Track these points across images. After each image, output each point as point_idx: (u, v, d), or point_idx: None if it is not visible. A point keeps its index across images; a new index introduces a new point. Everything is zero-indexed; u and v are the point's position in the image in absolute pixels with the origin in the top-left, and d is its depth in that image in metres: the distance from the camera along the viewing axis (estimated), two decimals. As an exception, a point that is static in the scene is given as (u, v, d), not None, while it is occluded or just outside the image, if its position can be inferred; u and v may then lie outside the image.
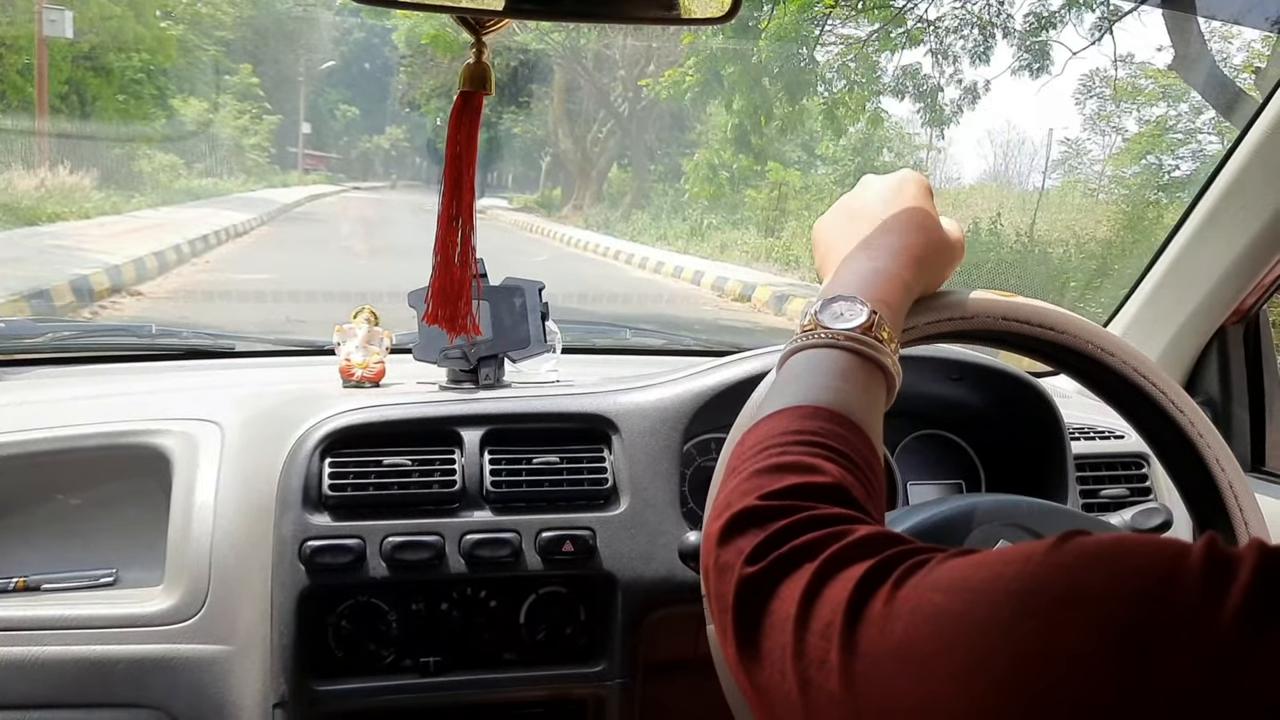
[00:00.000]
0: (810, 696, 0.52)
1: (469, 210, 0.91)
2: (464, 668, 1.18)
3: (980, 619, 0.46)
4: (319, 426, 1.22)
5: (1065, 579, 0.45)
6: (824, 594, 0.53)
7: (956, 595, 0.48)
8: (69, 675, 1.12)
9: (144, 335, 1.69)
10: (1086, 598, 0.43)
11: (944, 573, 0.50)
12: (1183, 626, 0.40)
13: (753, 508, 0.61)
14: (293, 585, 1.13)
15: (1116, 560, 0.44)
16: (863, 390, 0.73)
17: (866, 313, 0.76)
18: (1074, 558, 0.45)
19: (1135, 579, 0.43)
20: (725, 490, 0.66)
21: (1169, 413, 0.96)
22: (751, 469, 0.65)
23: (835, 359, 0.74)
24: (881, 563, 0.53)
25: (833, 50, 11.56)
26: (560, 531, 1.19)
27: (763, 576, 0.58)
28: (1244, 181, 1.40)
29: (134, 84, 13.05)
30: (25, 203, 9.57)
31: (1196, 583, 0.41)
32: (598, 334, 1.91)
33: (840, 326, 0.75)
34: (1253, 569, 0.41)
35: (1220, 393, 1.54)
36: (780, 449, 0.66)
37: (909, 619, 0.49)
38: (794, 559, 0.57)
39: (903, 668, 0.48)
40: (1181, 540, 0.45)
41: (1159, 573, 0.42)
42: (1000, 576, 0.47)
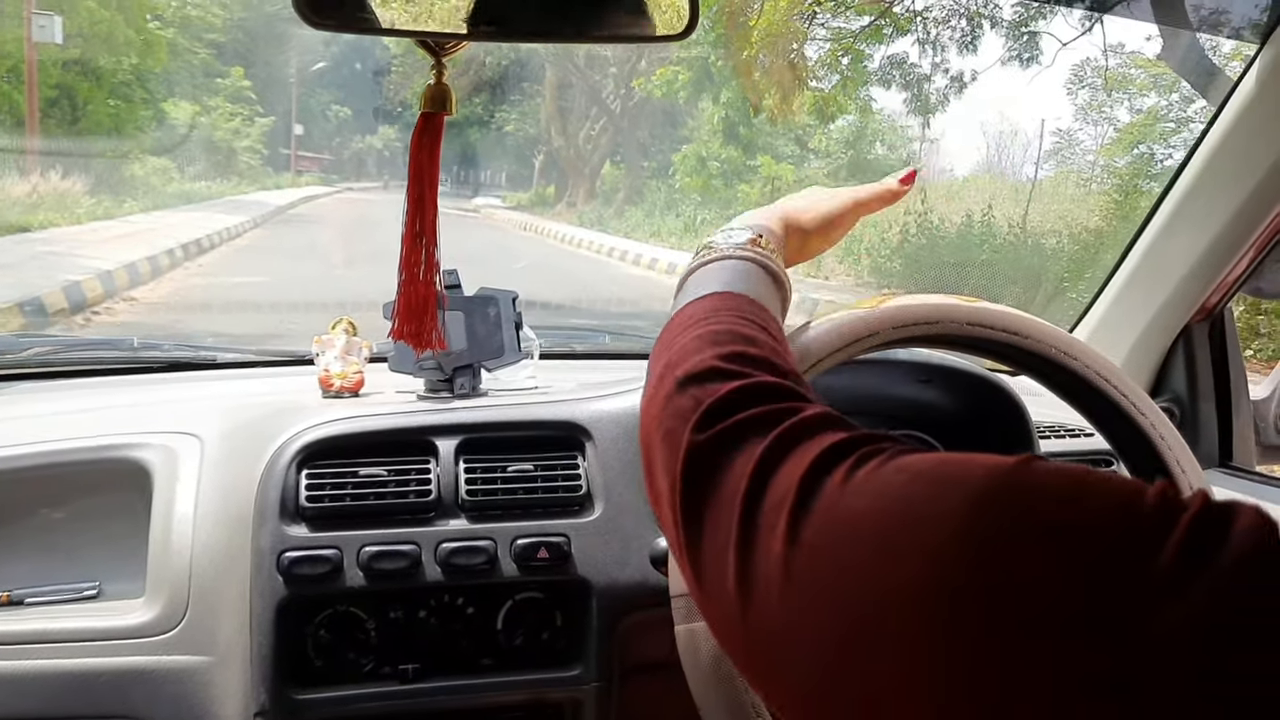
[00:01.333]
0: (755, 569, 0.52)
1: (432, 228, 0.93)
2: (442, 674, 1.19)
3: (937, 510, 0.46)
4: (296, 439, 1.23)
5: (1027, 496, 0.45)
6: (779, 470, 0.53)
7: (917, 483, 0.48)
8: (52, 688, 1.13)
9: (125, 348, 1.71)
10: (1047, 521, 0.44)
11: (908, 461, 0.50)
12: (1133, 558, 0.41)
13: (708, 368, 0.63)
14: (271, 596, 1.14)
15: (1077, 488, 0.45)
16: (766, 289, 0.80)
17: (749, 232, 0.86)
18: (1037, 477, 0.46)
19: (1095, 509, 0.44)
20: (663, 357, 0.68)
21: (1131, 416, 0.98)
22: (692, 334, 0.69)
23: (732, 265, 0.82)
24: (841, 443, 0.53)
25: (824, 46, 11.56)
26: (535, 538, 1.20)
27: (712, 446, 0.58)
28: (1206, 180, 1.42)
29: (124, 88, 13.04)
30: (17, 209, 9.57)
31: (1149, 519, 0.42)
32: (578, 339, 1.92)
33: (729, 242, 0.85)
34: (1197, 508, 0.42)
35: (1187, 390, 1.56)
36: (716, 319, 0.70)
37: (869, 497, 0.49)
38: (743, 431, 0.57)
39: (857, 541, 0.48)
40: (1139, 481, 0.46)
41: (1117, 505, 0.44)
42: (964, 477, 0.47)
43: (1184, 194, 1.44)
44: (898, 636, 0.45)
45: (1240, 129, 1.36)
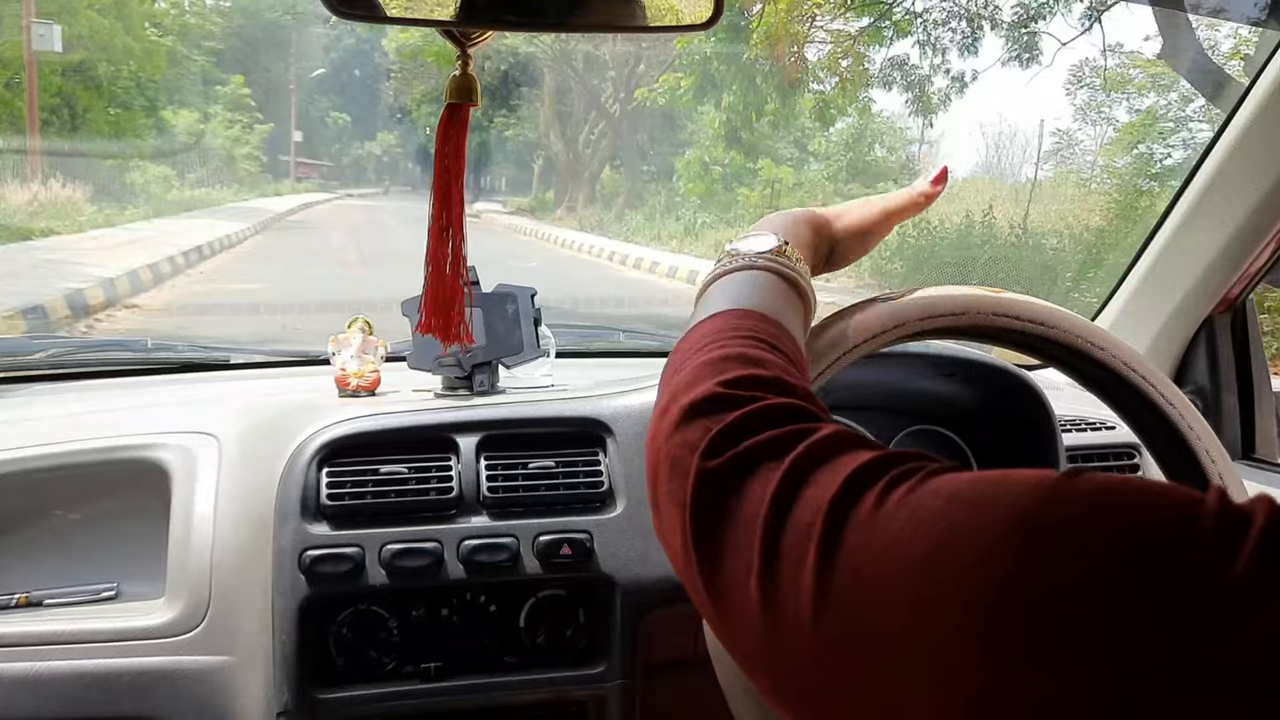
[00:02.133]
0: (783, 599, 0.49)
1: (459, 220, 0.92)
2: (465, 672, 1.19)
3: (976, 530, 0.44)
4: (315, 437, 1.22)
5: (1078, 509, 0.43)
6: (802, 494, 0.51)
7: (956, 504, 0.46)
8: (73, 689, 1.12)
9: (139, 350, 1.70)
10: (1097, 531, 0.41)
11: (942, 482, 0.48)
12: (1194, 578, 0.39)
13: (712, 395, 0.60)
14: (293, 595, 1.14)
15: (1130, 499, 0.42)
16: (785, 302, 0.78)
17: (775, 239, 0.82)
18: (1091, 490, 0.43)
19: (1149, 523, 0.41)
20: (670, 386, 0.66)
21: (1159, 406, 0.97)
22: (697, 362, 0.66)
23: (752, 277, 0.79)
24: (868, 465, 0.51)
25: (824, 49, 11.57)
26: (558, 535, 1.20)
27: (724, 472, 0.56)
28: (1228, 171, 1.41)
29: (124, 96, 13.05)
30: (18, 218, 9.57)
31: (1209, 535, 0.40)
32: (592, 337, 1.92)
33: (751, 250, 0.81)
34: (1263, 523, 0.40)
35: (1209, 382, 1.55)
36: (722, 342, 0.67)
37: (905, 520, 0.46)
38: (756, 457, 0.55)
39: (891, 568, 0.46)
40: (1193, 490, 0.43)
41: (1174, 519, 0.41)
42: (1004, 495, 0.45)
43: (1205, 185, 1.44)
44: (939, 660, 0.43)
45: (1262, 120, 1.35)
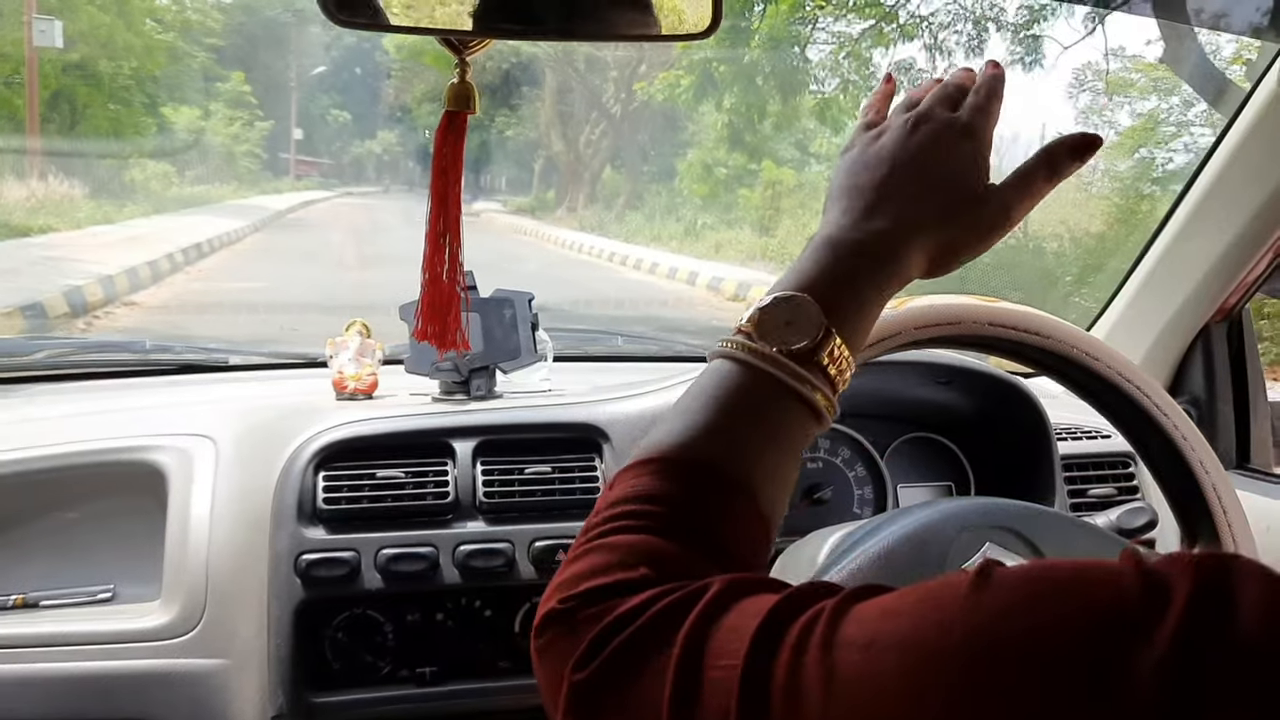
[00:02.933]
0: None
1: (456, 226, 0.92)
2: (460, 677, 1.19)
3: (908, 677, 0.41)
4: (312, 440, 1.23)
5: (990, 622, 0.40)
6: (705, 679, 0.45)
7: (875, 654, 0.42)
8: (68, 691, 1.13)
9: (138, 350, 1.70)
10: (1018, 645, 0.39)
11: (853, 627, 0.43)
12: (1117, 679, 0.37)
13: (555, 610, 0.53)
14: (289, 598, 1.14)
15: (1042, 603, 0.40)
16: (769, 437, 0.60)
17: (814, 330, 0.61)
18: (1001, 598, 0.41)
19: (1066, 627, 0.39)
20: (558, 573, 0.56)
21: (1153, 416, 0.97)
22: (579, 546, 0.56)
23: (748, 386, 0.61)
24: (771, 617, 0.45)
25: (826, 49, 11.58)
26: (553, 541, 1.20)
27: (600, 678, 0.48)
28: (1226, 180, 1.41)
29: (124, 92, 13.03)
30: (17, 214, 9.56)
31: (1130, 622, 0.38)
32: (590, 341, 1.92)
33: (776, 340, 0.62)
34: (1185, 596, 0.38)
35: (1205, 391, 1.55)
36: (607, 525, 0.56)
37: (825, 688, 0.42)
38: (639, 648, 0.48)
39: None
40: (1107, 565, 0.41)
41: (1090, 617, 0.39)
42: (921, 626, 0.42)
43: (1203, 194, 1.44)
44: None
45: (1260, 129, 1.35)
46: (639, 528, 0.55)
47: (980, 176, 0.70)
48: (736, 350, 0.62)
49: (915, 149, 0.69)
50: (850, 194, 0.69)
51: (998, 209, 0.70)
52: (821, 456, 1.38)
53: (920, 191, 0.68)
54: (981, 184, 0.70)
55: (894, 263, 0.66)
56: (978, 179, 0.70)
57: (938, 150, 0.69)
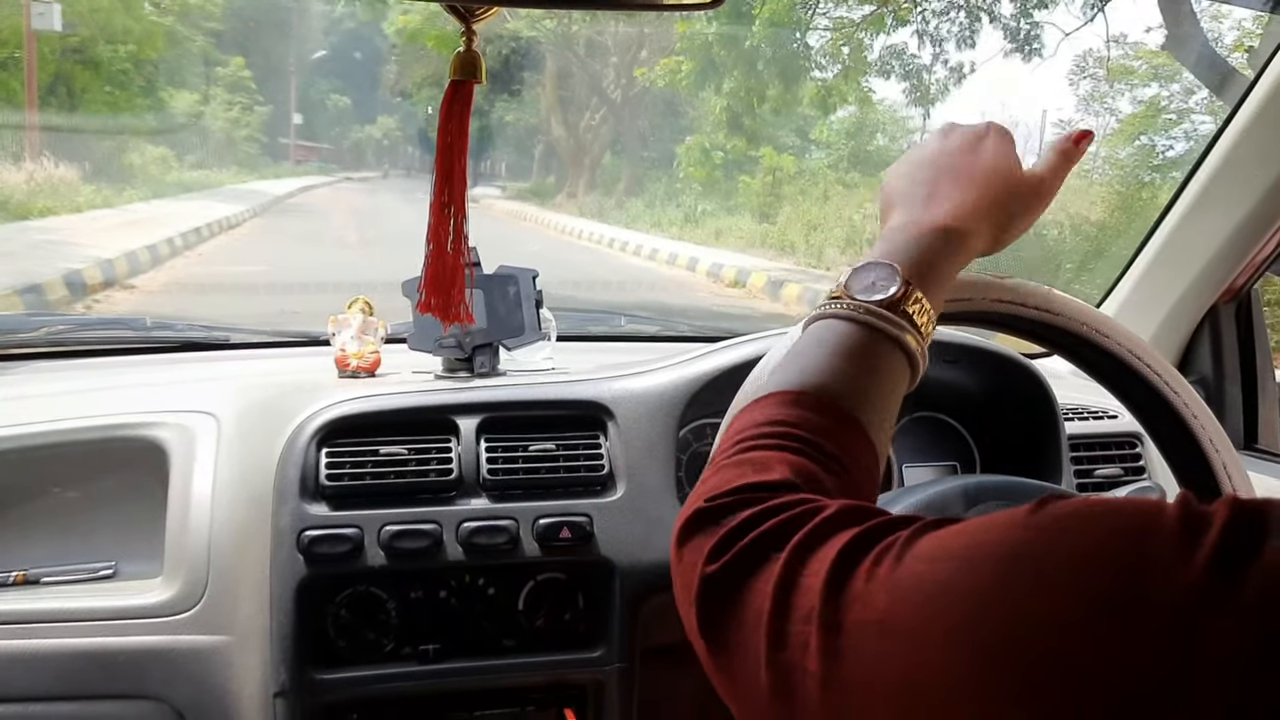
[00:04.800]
0: (792, 684, 0.51)
1: (461, 199, 0.91)
2: (463, 655, 1.18)
3: (963, 586, 0.45)
4: (315, 417, 1.22)
5: (1044, 542, 0.45)
6: (800, 583, 0.52)
7: (938, 564, 0.47)
8: (70, 667, 1.12)
9: (139, 328, 1.69)
10: (1064, 561, 0.43)
11: (925, 544, 0.49)
12: (1155, 585, 0.40)
13: (701, 510, 0.60)
14: (291, 575, 1.13)
15: (1093, 521, 0.44)
16: (871, 372, 0.69)
17: (899, 285, 0.71)
18: (1051, 520, 0.45)
19: (1111, 540, 0.43)
20: (699, 484, 0.65)
21: (1163, 394, 0.96)
22: (719, 463, 0.65)
23: (850, 334, 0.70)
24: (857, 538, 0.52)
25: (825, 35, 11.54)
26: (557, 518, 1.19)
27: (725, 573, 0.56)
28: (1234, 161, 1.41)
29: (122, 76, 12.97)
30: (15, 197, 9.53)
31: (1170, 539, 0.41)
32: (593, 321, 1.91)
33: (866, 298, 0.71)
34: (1223, 521, 0.41)
35: (1213, 371, 1.55)
36: (750, 441, 0.64)
37: (891, 591, 0.48)
38: (758, 551, 0.55)
39: (887, 641, 0.47)
40: (1157, 500, 0.45)
41: (1133, 533, 0.43)
42: (981, 544, 0.47)
43: (1212, 173, 1.43)
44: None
45: (1270, 109, 1.34)
46: (776, 446, 0.63)
47: (1016, 164, 0.82)
48: (835, 308, 0.72)
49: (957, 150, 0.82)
50: (911, 192, 0.81)
51: (1038, 188, 0.83)
52: (826, 436, 1.37)
53: (972, 184, 0.79)
54: (1019, 170, 0.82)
55: (960, 239, 0.77)
56: (1015, 166, 0.82)
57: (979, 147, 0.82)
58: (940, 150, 0.83)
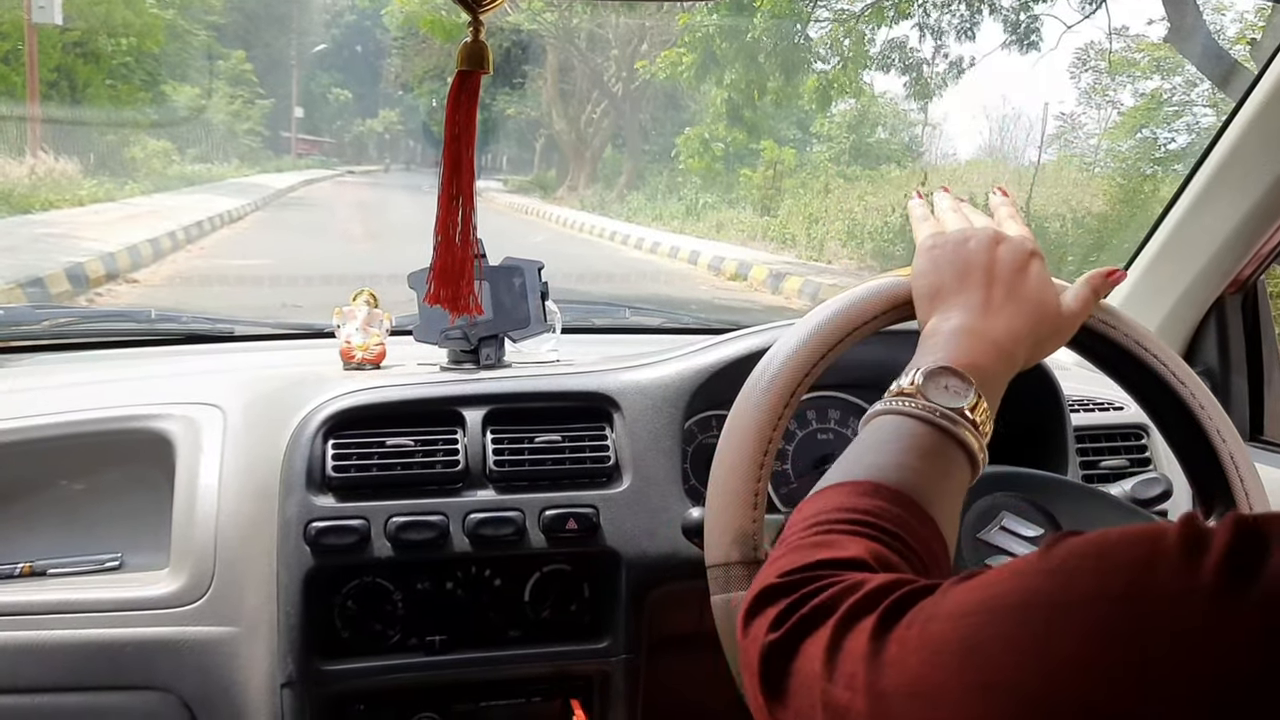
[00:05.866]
0: None
1: (469, 190, 0.91)
2: (469, 646, 1.18)
3: (981, 640, 0.47)
4: (321, 408, 1.22)
5: (1059, 588, 0.45)
6: (845, 647, 0.54)
7: (959, 621, 0.48)
8: (77, 658, 1.12)
9: (143, 320, 1.70)
10: (1077, 601, 0.44)
11: (949, 602, 0.51)
12: (1163, 611, 0.41)
13: (771, 585, 0.62)
14: (298, 566, 1.13)
15: (1102, 560, 0.45)
16: (942, 474, 0.72)
17: (972, 395, 0.75)
18: (1061, 562, 0.46)
19: (1119, 574, 0.43)
20: (768, 563, 0.67)
21: (1170, 385, 0.96)
22: (792, 543, 0.67)
23: (922, 436, 0.73)
24: (895, 603, 0.53)
25: (826, 28, 11.52)
26: (563, 510, 1.19)
27: (784, 640, 0.58)
28: (1241, 152, 1.40)
29: (123, 69, 12.97)
30: (18, 191, 9.54)
31: (1174, 564, 0.42)
32: (597, 314, 1.91)
33: (942, 403, 0.74)
34: (1225, 541, 0.41)
35: (1219, 363, 1.55)
36: (825, 526, 0.66)
37: (919, 654, 0.49)
38: (813, 619, 0.57)
39: (917, 703, 0.48)
40: (1160, 523, 0.45)
41: (1140, 565, 0.43)
42: (999, 595, 0.48)
43: (1219, 164, 1.43)
44: None
45: (1276, 101, 1.34)
46: (853, 532, 0.65)
47: (1056, 296, 0.87)
48: (909, 407, 0.75)
49: (1010, 267, 0.86)
50: (966, 294, 0.84)
51: (1070, 322, 0.88)
52: (832, 427, 1.37)
53: (1022, 306, 0.84)
54: (1057, 300, 0.87)
55: (1013, 357, 0.82)
56: (1057, 299, 0.87)
57: (1028, 269, 0.86)
58: (992, 260, 0.86)
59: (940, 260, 0.88)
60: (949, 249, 0.88)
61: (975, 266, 0.85)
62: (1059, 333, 0.87)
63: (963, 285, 0.85)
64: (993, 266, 0.85)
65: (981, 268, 0.85)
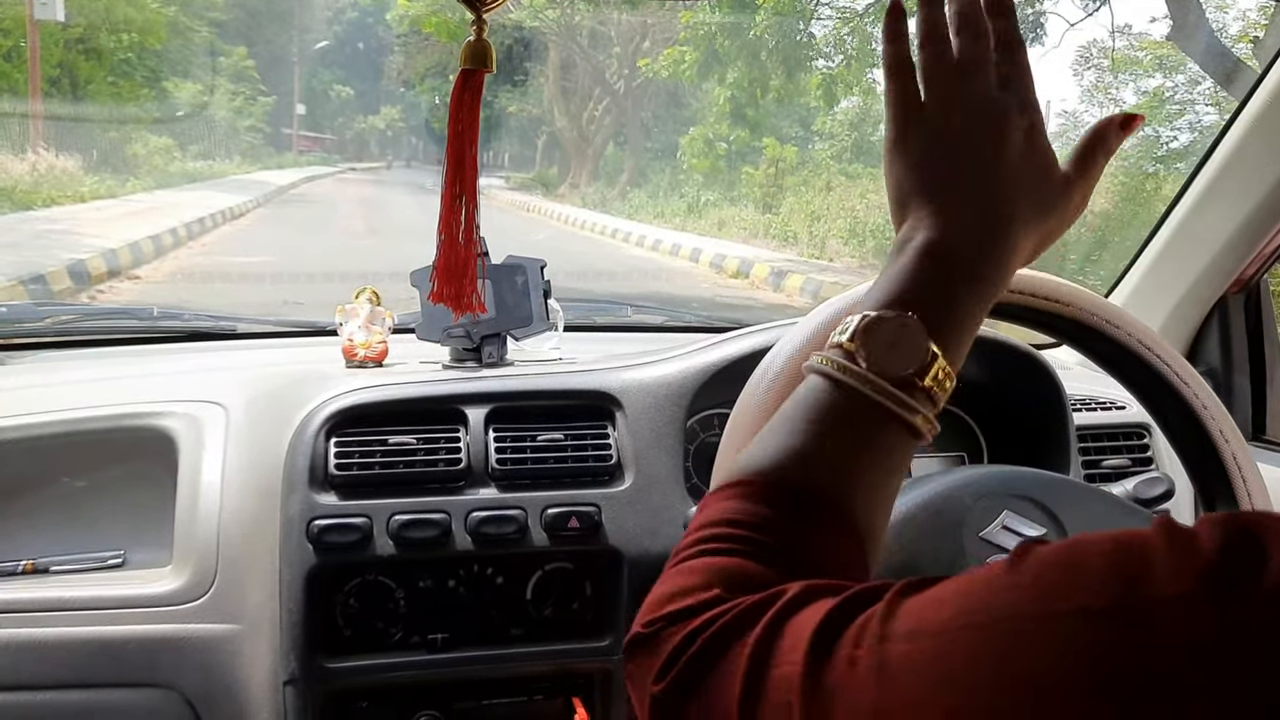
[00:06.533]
0: None
1: (472, 188, 0.91)
2: (471, 644, 1.19)
3: (954, 661, 0.42)
4: (324, 406, 1.22)
5: (1029, 601, 0.41)
6: (771, 674, 0.47)
7: (921, 642, 0.43)
8: (79, 656, 1.12)
9: (145, 318, 1.70)
10: (1053, 619, 0.40)
11: (904, 618, 0.45)
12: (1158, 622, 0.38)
13: (639, 635, 0.55)
14: (300, 564, 1.13)
15: (1077, 569, 0.41)
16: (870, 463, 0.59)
17: (922, 355, 0.60)
18: (1033, 576, 0.42)
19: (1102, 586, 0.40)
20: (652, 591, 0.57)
21: (1173, 385, 0.96)
22: (672, 567, 0.57)
23: (849, 410, 0.60)
24: (829, 619, 0.47)
25: (829, 25, 11.52)
26: (566, 508, 1.19)
27: (676, 690, 0.50)
28: (1244, 151, 1.40)
29: (125, 66, 12.96)
30: (20, 187, 9.54)
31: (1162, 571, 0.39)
32: (599, 311, 1.91)
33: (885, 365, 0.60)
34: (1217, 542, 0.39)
35: (1221, 362, 1.55)
36: (697, 545, 0.56)
37: (878, 677, 0.43)
38: (713, 655, 0.50)
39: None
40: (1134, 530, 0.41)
41: (1122, 572, 0.39)
42: (965, 612, 0.43)
43: (1221, 165, 1.43)
44: None
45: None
46: (725, 550, 0.55)
47: (1055, 163, 0.69)
48: (836, 371, 0.60)
49: (988, 139, 0.67)
50: (934, 192, 0.67)
51: (1078, 193, 0.70)
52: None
53: (1011, 190, 0.67)
54: (1059, 170, 0.69)
55: (1000, 278, 0.66)
56: (1055, 166, 0.69)
57: (1010, 138, 0.67)
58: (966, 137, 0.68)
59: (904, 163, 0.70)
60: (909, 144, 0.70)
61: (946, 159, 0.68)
62: (1070, 207, 0.70)
63: (929, 187, 0.68)
64: (968, 150, 0.67)
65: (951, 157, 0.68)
